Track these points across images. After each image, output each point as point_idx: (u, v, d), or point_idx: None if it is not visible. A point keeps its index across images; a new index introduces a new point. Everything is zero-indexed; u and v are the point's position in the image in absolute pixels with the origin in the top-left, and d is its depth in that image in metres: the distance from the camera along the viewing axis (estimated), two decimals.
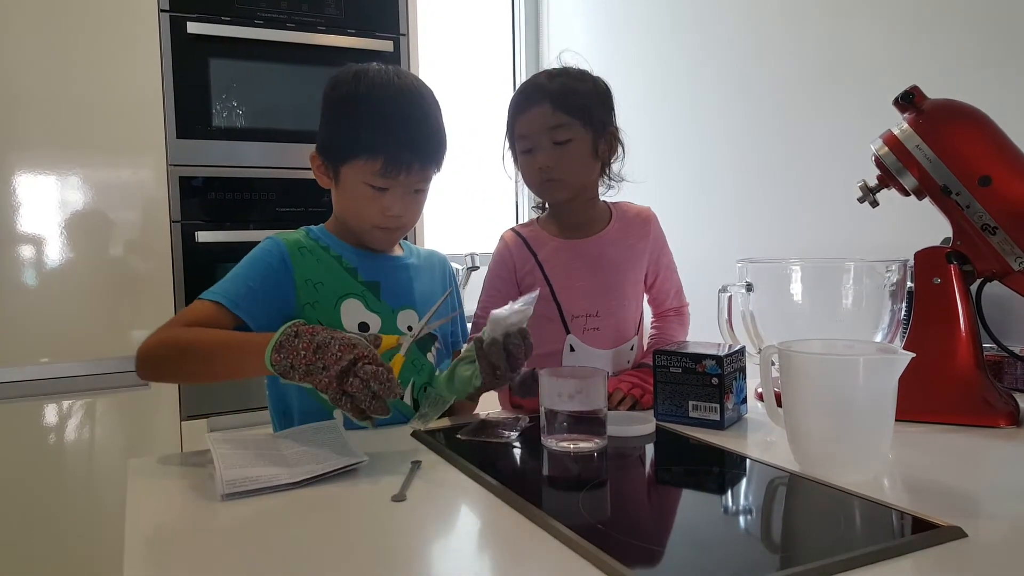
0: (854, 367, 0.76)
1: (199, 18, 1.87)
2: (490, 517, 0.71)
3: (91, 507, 1.78)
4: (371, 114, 1.02)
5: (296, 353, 0.84)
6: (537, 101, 1.14)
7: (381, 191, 1.03)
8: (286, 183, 1.99)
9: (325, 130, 1.08)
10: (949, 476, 0.79)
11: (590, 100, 1.16)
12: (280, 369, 0.85)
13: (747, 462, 0.84)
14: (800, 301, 1.06)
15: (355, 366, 0.83)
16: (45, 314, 1.75)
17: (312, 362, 0.83)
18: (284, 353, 0.84)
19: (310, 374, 0.84)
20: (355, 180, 1.03)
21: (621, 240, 1.23)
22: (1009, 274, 0.99)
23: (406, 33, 2.13)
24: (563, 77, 1.17)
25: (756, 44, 1.92)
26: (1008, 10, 1.38)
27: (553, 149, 1.14)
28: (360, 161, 1.02)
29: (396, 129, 1.01)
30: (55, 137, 1.75)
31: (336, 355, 0.83)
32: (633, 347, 1.25)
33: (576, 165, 1.16)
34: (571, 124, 1.13)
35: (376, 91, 1.03)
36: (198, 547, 0.65)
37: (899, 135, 1.02)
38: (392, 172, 1.01)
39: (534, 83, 1.17)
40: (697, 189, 2.14)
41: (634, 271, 1.24)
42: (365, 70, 1.06)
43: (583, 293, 1.20)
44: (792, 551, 0.62)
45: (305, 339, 0.85)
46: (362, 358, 0.83)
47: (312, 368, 0.83)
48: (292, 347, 0.84)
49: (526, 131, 1.15)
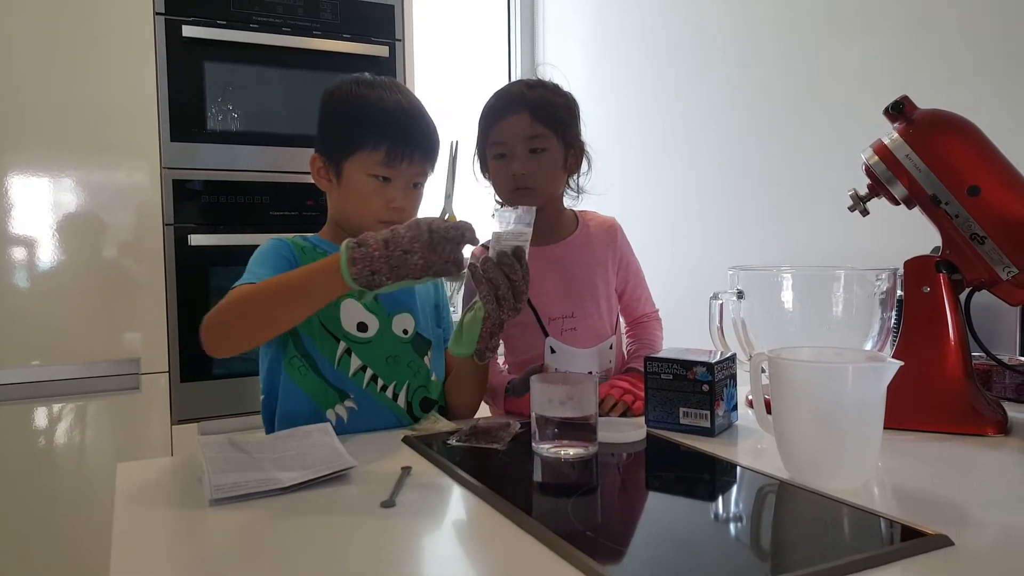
0: (843, 375, 0.76)
1: (194, 21, 1.88)
2: (480, 523, 0.71)
3: (81, 511, 1.77)
4: (372, 108, 1.06)
5: (371, 258, 0.84)
6: (516, 110, 1.16)
7: (385, 182, 1.06)
8: (280, 187, 1.98)
9: (325, 131, 1.11)
10: (937, 484, 0.79)
11: (564, 114, 1.20)
12: (363, 280, 0.84)
13: (737, 469, 0.84)
14: (791, 309, 1.07)
15: (432, 234, 0.84)
16: (37, 316, 1.74)
17: (391, 255, 0.84)
18: (360, 264, 0.84)
19: (398, 268, 0.84)
20: (359, 173, 1.06)
21: (588, 245, 1.27)
22: (997, 283, 1.00)
23: (402, 38, 2.13)
24: (541, 89, 1.20)
25: (749, 52, 1.93)
26: (997, 21, 1.39)
27: (528, 157, 1.17)
28: (364, 153, 1.05)
29: (397, 119, 1.06)
30: (49, 139, 1.75)
31: (408, 237, 0.84)
32: (612, 346, 1.27)
33: (548, 174, 1.19)
34: (547, 135, 1.17)
35: (374, 90, 1.08)
36: (186, 552, 0.65)
37: (889, 144, 1.02)
38: (395, 160, 1.05)
39: (513, 92, 1.20)
40: (689, 196, 2.14)
41: (604, 273, 1.27)
42: (360, 76, 1.11)
43: (557, 295, 1.22)
44: (781, 558, 0.62)
45: (370, 242, 0.85)
46: (432, 221, 0.84)
47: (396, 261, 0.84)
48: (364, 255, 0.84)
49: (502, 138, 1.18)
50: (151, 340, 1.85)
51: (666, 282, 1.65)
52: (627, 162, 2.37)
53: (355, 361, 1.07)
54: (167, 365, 1.87)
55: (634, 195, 2.31)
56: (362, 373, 1.08)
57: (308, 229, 1.16)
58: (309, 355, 1.06)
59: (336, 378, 1.07)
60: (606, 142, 2.37)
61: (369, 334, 1.08)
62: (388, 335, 1.10)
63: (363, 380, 1.08)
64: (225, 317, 0.93)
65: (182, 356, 1.88)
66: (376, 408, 1.09)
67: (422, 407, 1.13)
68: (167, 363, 1.86)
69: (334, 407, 1.07)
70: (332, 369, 1.06)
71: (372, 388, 1.09)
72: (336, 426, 1.05)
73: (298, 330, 1.05)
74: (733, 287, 1.11)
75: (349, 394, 1.07)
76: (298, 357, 1.06)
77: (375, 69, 2.04)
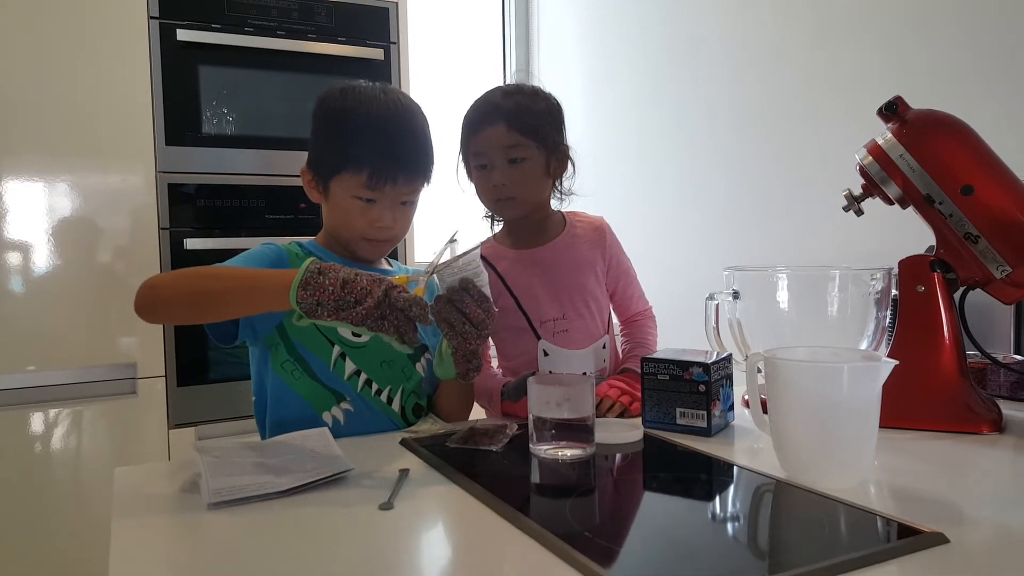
0: (838, 374, 0.77)
1: (189, 25, 1.88)
2: (478, 525, 0.71)
3: (78, 516, 1.76)
4: (356, 128, 1.04)
5: (323, 290, 0.83)
6: (492, 121, 1.15)
7: (369, 203, 1.05)
8: (275, 190, 1.98)
9: (314, 146, 1.10)
10: (933, 482, 0.79)
11: (543, 120, 1.18)
12: (306, 307, 0.84)
13: (734, 469, 0.84)
14: (786, 309, 1.07)
15: (388, 297, 0.83)
16: (32, 321, 1.74)
17: (341, 297, 0.83)
18: (311, 290, 0.83)
19: (341, 310, 0.83)
20: (343, 193, 1.05)
21: (576, 246, 1.26)
22: (991, 282, 1.00)
23: (396, 41, 2.14)
24: (517, 96, 1.18)
25: (744, 53, 1.94)
26: (991, 22, 1.40)
27: (508, 168, 1.16)
28: (347, 174, 1.04)
29: (380, 142, 1.03)
30: (44, 143, 1.75)
31: (366, 288, 0.83)
32: (606, 345, 1.27)
33: (529, 183, 1.18)
34: (526, 144, 1.15)
35: (361, 107, 1.05)
36: (184, 556, 0.65)
37: (883, 145, 1.03)
38: (378, 184, 1.03)
39: (488, 102, 1.18)
40: (685, 197, 2.15)
41: (594, 273, 1.26)
42: (352, 87, 1.08)
43: (547, 298, 1.22)
44: (778, 557, 0.63)
45: (330, 276, 0.84)
46: (392, 288, 0.84)
47: (342, 303, 0.83)
48: (318, 284, 0.84)
49: (481, 148, 1.17)
50: (147, 344, 1.85)
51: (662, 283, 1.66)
52: (622, 163, 2.37)
53: (349, 365, 1.07)
54: (163, 369, 1.86)
55: (630, 196, 2.32)
56: (356, 377, 1.08)
57: (303, 233, 1.16)
58: (302, 358, 1.06)
59: (331, 380, 1.07)
60: (602, 143, 2.38)
61: (363, 339, 1.08)
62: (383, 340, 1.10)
63: (357, 384, 1.08)
64: (168, 282, 0.93)
65: (179, 360, 1.88)
66: (372, 411, 1.09)
67: (414, 413, 1.13)
68: (163, 367, 1.86)
69: (330, 409, 1.07)
70: (327, 371, 1.06)
71: (367, 392, 1.09)
72: (333, 428, 1.05)
73: (288, 334, 1.05)
74: (729, 287, 1.12)
75: (345, 397, 1.07)
76: (290, 361, 1.06)
77: (370, 72, 2.08)
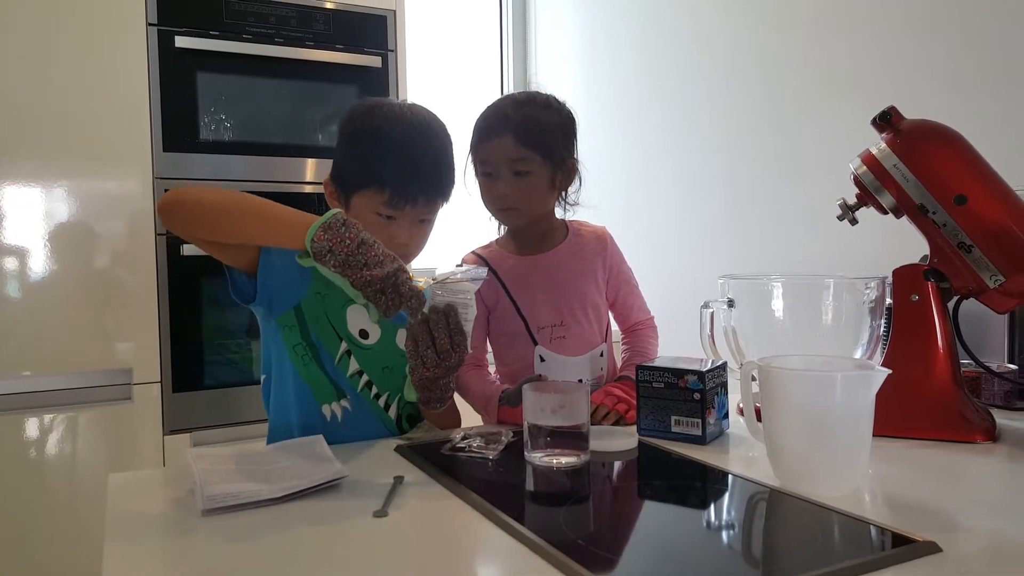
0: (831, 383, 0.77)
1: (187, 32, 1.88)
2: (472, 532, 0.71)
3: (72, 522, 1.75)
4: (381, 148, 1.05)
5: (341, 240, 0.85)
6: (500, 132, 1.15)
7: (389, 220, 1.06)
8: (273, 197, 1.96)
9: (339, 159, 1.12)
10: (926, 491, 0.80)
11: (552, 133, 1.17)
12: (318, 248, 0.85)
13: (729, 477, 0.84)
14: (781, 317, 1.07)
15: (396, 277, 0.85)
16: (28, 326, 1.74)
17: (354, 254, 0.85)
18: (330, 235, 0.85)
19: (348, 266, 0.85)
20: (364, 209, 1.07)
21: (578, 253, 1.26)
22: (985, 291, 1.01)
23: (394, 49, 2.14)
24: (528, 107, 1.17)
25: (742, 62, 1.95)
26: (985, 33, 1.41)
27: (513, 179, 1.16)
28: (369, 192, 1.05)
29: (403, 163, 1.05)
30: (41, 148, 1.75)
31: (379, 258, 0.85)
32: (603, 353, 1.26)
33: (534, 196, 1.18)
34: (532, 158, 1.15)
35: (387, 126, 1.06)
36: (178, 563, 0.65)
37: (877, 154, 1.04)
38: (399, 204, 1.05)
39: (499, 111, 1.18)
40: (680, 205, 2.16)
41: (594, 281, 1.26)
42: (380, 104, 1.09)
43: (545, 304, 1.22)
44: (772, 565, 0.63)
45: (352, 230, 0.86)
46: (402, 270, 0.86)
47: (352, 260, 0.84)
48: (339, 233, 0.85)
49: (487, 158, 1.17)
50: (143, 350, 1.84)
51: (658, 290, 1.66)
52: (618, 170, 2.38)
53: (353, 364, 1.08)
54: (159, 375, 1.86)
55: (626, 203, 2.32)
56: (358, 377, 1.09)
57: None
58: (314, 344, 1.07)
59: (336, 374, 1.08)
60: (599, 150, 2.39)
61: (370, 341, 1.10)
62: (389, 346, 1.11)
63: (358, 384, 1.09)
64: (198, 191, 0.95)
65: (174, 366, 1.88)
66: (368, 414, 1.09)
67: (409, 422, 1.14)
68: (159, 373, 1.86)
69: (330, 403, 1.08)
70: (333, 364, 1.08)
71: (366, 394, 1.09)
72: (330, 425, 1.06)
73: (305, 318, 1.06)
74: (724, 296, 1.12)
75: (346, 394, 1.08)
76: (302, 345, 1.07)
77: (368, 79, 2.08)
